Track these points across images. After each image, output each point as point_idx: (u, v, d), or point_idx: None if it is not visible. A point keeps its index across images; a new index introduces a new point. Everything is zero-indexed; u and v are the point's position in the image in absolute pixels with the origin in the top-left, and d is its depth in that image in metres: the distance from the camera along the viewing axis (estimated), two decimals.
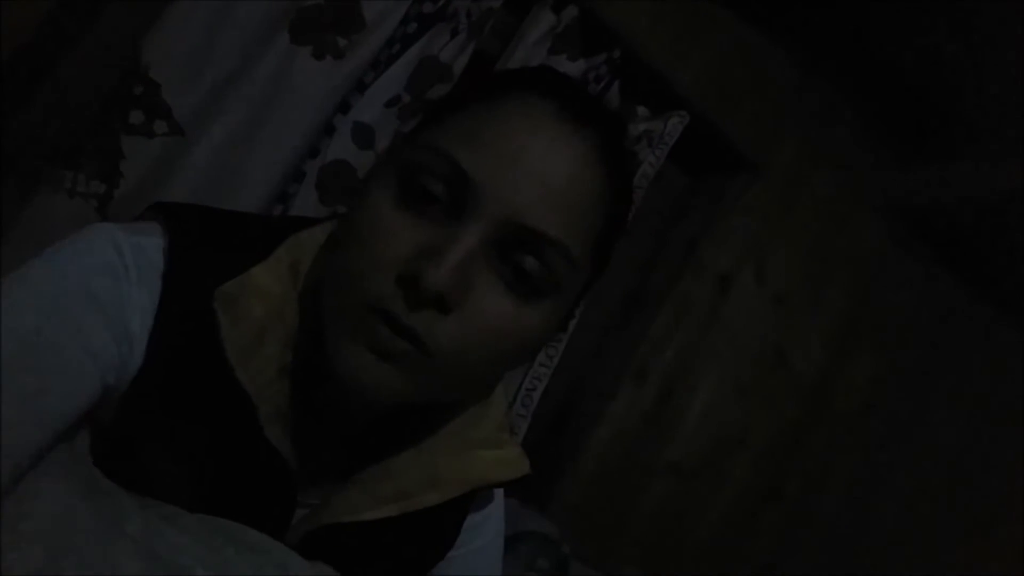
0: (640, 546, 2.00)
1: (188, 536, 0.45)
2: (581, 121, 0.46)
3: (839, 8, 1.74)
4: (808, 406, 2.19)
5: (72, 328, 0.43)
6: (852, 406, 2.25)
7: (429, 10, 1.58)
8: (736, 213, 2.03)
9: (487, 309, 0.45)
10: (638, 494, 2.00)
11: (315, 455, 0.54)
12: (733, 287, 2.06)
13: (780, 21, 1.88)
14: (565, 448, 1.96)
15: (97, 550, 0.40)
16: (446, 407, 0.57)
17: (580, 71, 1.74)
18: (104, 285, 0.45)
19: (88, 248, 0.46)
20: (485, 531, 0.66)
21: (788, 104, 2.03)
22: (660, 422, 2.01)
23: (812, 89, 2.04)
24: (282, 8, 1.47)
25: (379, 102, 1.55)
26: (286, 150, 1.49)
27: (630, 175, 0.52)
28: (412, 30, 1.58)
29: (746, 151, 1.99)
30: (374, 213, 0.45)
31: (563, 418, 2.02)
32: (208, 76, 1.41)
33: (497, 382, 0.61)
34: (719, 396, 2.08)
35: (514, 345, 0.47)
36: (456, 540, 0.63)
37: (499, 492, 0.68)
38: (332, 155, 1.51)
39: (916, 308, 2.29)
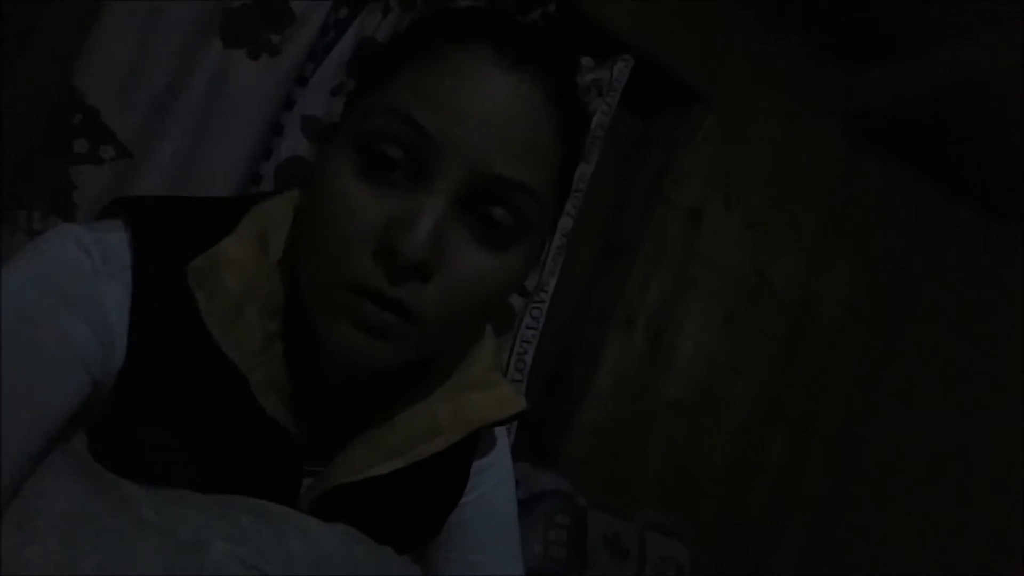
0: (654, 487, 2.03)
1: (201, 511, 0.46)
2: (524, 58, 0.46)
3: None
4: (795, 324, 2.22)
5: (50, 328, 0.44)
6: (837, 316, 2.29)
7: None
8: (694, 146, 2.04)
9: (466, 267, 0.45)
10: (644, 437, 2.03)
11: (315, 420, 0.54)
12: (704, 220, 2.08)
13: None
14: (565, 404, 1.99)
15: (113, 535, 0.41)
16: (438, 357, 0.58)
17: None
18: (75, 284, 0.45)
19: (54, 250, 0.46)
20: (492, 475, 0.67)
21: (728, 30, 2.04)
22: (655, 364, 2.04)
23: (747, 9, 2.04)
24: (209, 13, 1.45)
25: (324, 92, 1.54)
26: (238, 155, 1.48)
27: (579, 100, 0.52)
28: (344, 15, 1.57)
29: (693, 84, 2.00)
30: (338, 188, 0.45)
31: (559, 375, 2.04)
32: (145, 93, 1.40)
33: (485, 325, 0.62)
34: (707, 329, 2.11)
35: (496, 292, 0.49)
36: (466, 486, 0.64)
37: (502, 437, 0.69)
38: (286, 153, 1.50)
39: (884, 210, 2.33)
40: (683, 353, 2.08)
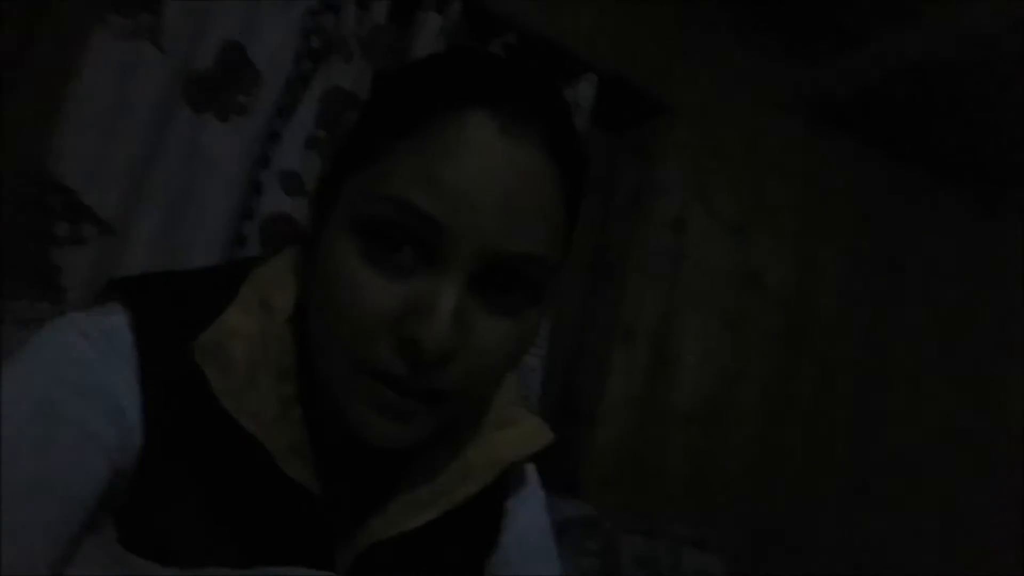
0: (679, 500, 2.00)
1: None
2: (523, 117, 0.44)
3: None
4: (794, 319, 2.22)
5: (65, 420, 0.43)
6: (834, 304, 2.29)
7: (317, 44, 1.58)
8: (668, 157, 2.06)
9: (486, 342, 0.45)
10: (662, 451, 2.00)
11: (342, 479, 0.53)
12: (688, 228, 2.08)
13: None
14: (577, 428, 1.96)
15: None
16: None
17: None
18: (83, 373, 0.45)
19: (56, 342, 0.45)
20: (526, 510, 0.65)
21: (685, 36, 2.07)
22: (661, 377, 2.02)
23: (702, 13, 2.08)
24: (173, 82, 1.45)
25: (298, 146, 1.54)
26: (220, 219, 1.47)
27: (582, 154, 0.50)
28: (307, 68, 1.58)
29: (657, 95, 2.03)
30: (346, 274, 0.44)
31: (567, 400, 2.02)
32: (121, 168, 1.39)
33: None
34: (708, 336, 2.10)
35: (516, 355, 0.48)
36: (502, 526, 0.63)
37: (531, 471, 0.68)
38: (267, 210, 1.50)
39: (864, 194, 2.36)
40: (688, 363, 2.07)
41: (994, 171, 2.38)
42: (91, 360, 0.45)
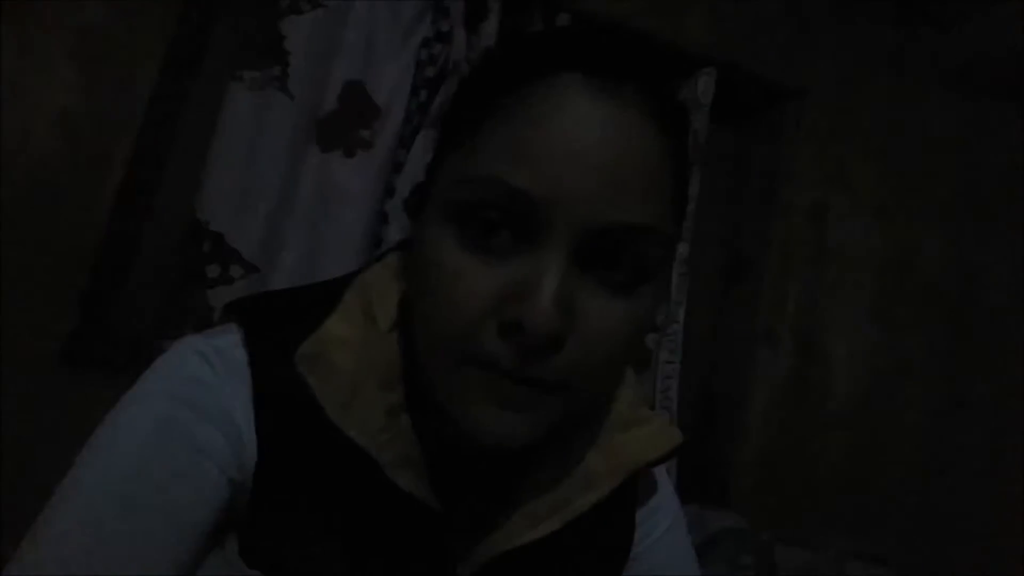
0: (837, 508, 1.87)
1: None
2: (619, 79, 0.41)
3: None
4: (956, 305, 2.02)
5: (183, 439, 0.44)
6: (1003, 285, 2.07)
7: (431, 74, 1.63)
8: (801, 142, 1.95)
9: (599, 322, 0.42)
10: (815, 455, 1.88)
11: (457, 490, 0.51)
12: (828, 216, 1.95)
13: None
14: (722, 435, 1.88)
15: None
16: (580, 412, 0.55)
17: None
18: (200, 392, 0.46)
19: (175, 364, 0.47)
20: (660, 520, 0.61)
21: (803, 16, 1.95)
22: (809, 376, 1.90)
23: None
24: (303, 126, 1.54)
25: (419, 174, 1.59)
26: (352, 249, 1.54)
27: (679, 106, 0.46)
28: (424, 98, 1.62)
29: (781, 81, 1.92)
30: (443, 261, 0.42)
31: (709, 406, 1.94)
32: (260, 210, 1.49)
33: (620, 374, 0.57)
34: (858, 330, 1.96)
35: (633, 339, 0.45)
36: (633, 538, 0.59)
37: (663, 477, 0.64)
38: (394, 238, 1.55)
39: (1017, 163, 2.11)
40: (838, 360, 1.93)
41: None
42: (207, 380, 0.46)
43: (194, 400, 0.46)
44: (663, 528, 0.61)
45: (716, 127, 1.98)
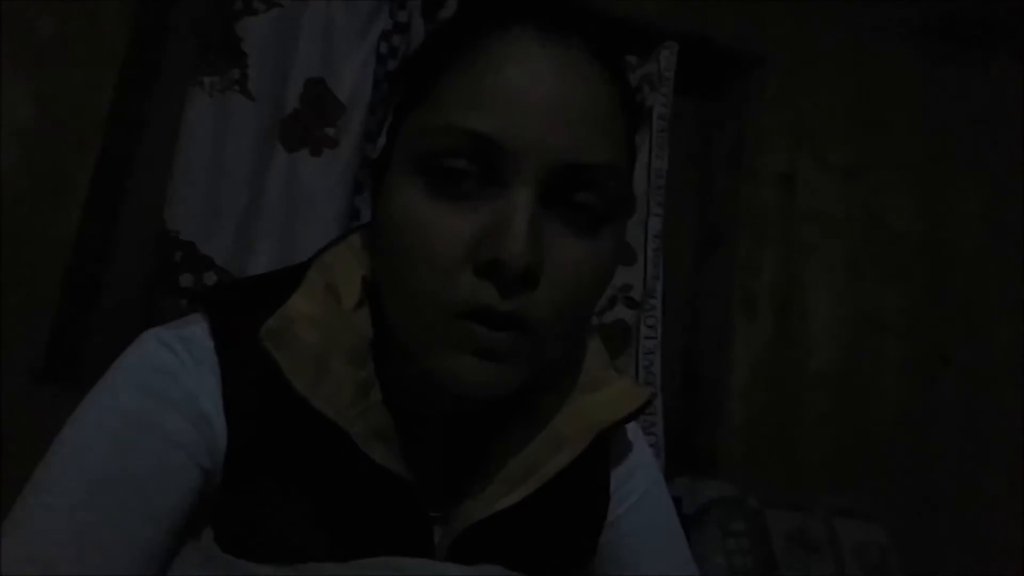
0: (825, 469, 1.90)
1: None
2: (569, 29, 0.44)
3: None
4: (927, 257, 2.05)
5: (152, 429, 0.45)
6: (974, 240, 2.09)
7: (393, 66, 1.62)
8: (767, 110, 1.95)
9: (567, 262, 0.44)
10: (800, 418, 1.91)
11: (430, 461, 0.52)
12: (798, 180, 1.97)
13: None
14: (707, 406, 1.90)
15: None
16: (545, 369, 0.56)
17: None
18: (166, 383, 0.46)
19: (140, 356, 0.48)
20: (637, 483, 0.62)
21: None
22: (789, 339, 1.92)
23: None
24: (267, 128, 1.53)
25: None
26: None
27: (623, 64, 0.50)
28: (386, 91, 1.62)
29: (742, 48, 1.93)
30: (413, 215, 0.43)
31: (692, 378, 1.96)
32: (230, 215, 1.48)
33: (588, 326, 0.58)
34: (835, 290, 1.98)
35: (599, 282, 0.47)
36: (608, 501, 0.60)
37: (638, 440, 0.64)
38: None
39: (993, 116, 2.13)
40: (817, 321, 1.95)
41: None
42: (173, 369, 0.46)
43: (161, 390, 0.46)
44: (640, 491, 0.62)
45: (682, 100, 1.98)
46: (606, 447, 0.59)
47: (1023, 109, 2.14)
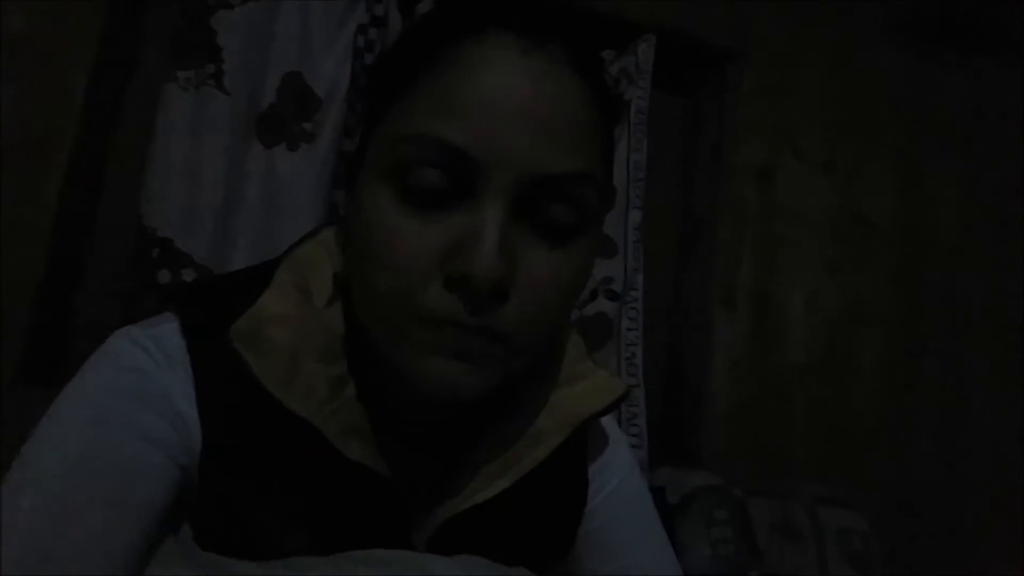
0: (807, 459, 1.91)
1: (317, 573, 0.44)
2: (545, 36, 0.43)
3: None
4: (906, 249, 2.07)
5: (127, 428, 0.44)
6: (952, 234, 2.12)
7: (370, 60, 1.61)
8: (744, 104, 1.96)
9: (539, 274, 0.43)
10: (782, 410, 1.92)
11: (407, 455, 0.52)
12: (776, 175, 1.98)
13: None
14: (689, 398, 1.91)
15: None
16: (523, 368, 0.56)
17: None
18: (140, 382, 0.46)
19: (113, 355, 0.47)
20: (612, 474, 0.62)
21: None
22: (769, 333, 1.94)
23: None
24: (243, 123, 1.52)
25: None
26: None
27: (603, 68, 0.48)
28: (363, 85, 1.60)
29: (720, 43, 1.94)
30: (384, 224, 0.43)
31: (674, 371, 1.97)
32: (207, 211, 1.46)
33: (563, 325, 0.58)
34: (814, 285, 1.99)
35: (573, 289, 0.46)
36: (587, 492, 0.60)
37: (614, 432, 0.65)
38: None
39: (972, 110, 2.16)
40: (795, 316, 1.97)
41: None
42: (146, 369, 0.46)
43: (135, 390, 0.45)
44: (616, 481, 0.62)
45: (661, 94, 1.98)
46: (583, 439, 0.59)
47: (1001, 106, 2.17)
